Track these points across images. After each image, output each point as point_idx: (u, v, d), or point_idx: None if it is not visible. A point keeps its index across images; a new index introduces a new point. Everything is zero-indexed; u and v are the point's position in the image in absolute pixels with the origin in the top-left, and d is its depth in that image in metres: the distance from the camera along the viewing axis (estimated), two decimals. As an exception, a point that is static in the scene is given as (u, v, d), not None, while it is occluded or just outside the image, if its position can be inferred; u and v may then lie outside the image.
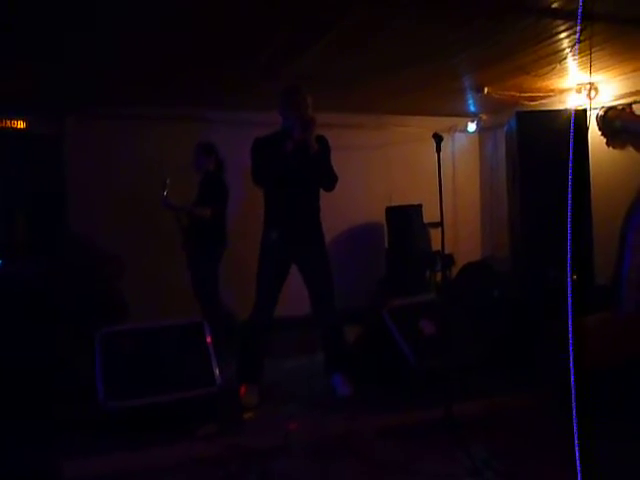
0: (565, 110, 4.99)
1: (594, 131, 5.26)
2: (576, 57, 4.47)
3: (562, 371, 2.03)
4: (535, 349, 3.67)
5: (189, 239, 4.70)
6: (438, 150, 3.22)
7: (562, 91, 5.54)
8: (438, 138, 3.19)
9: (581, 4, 1.93)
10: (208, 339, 3.30)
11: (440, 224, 4.59)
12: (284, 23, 3.63)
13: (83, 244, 5.46)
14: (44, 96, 5.11)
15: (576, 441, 1.59)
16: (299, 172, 3.52)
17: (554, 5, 3.45)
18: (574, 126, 2.05)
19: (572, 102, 5.52)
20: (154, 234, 5.32)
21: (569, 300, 1.86)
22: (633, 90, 4.98)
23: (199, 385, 3.15)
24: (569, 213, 1.87)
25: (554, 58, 4.48)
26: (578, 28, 3.64)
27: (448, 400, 2.99)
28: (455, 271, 5.97)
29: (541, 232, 4.66)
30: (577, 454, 1.59)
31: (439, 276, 6.24)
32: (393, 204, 6.34)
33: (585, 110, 4.75)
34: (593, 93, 5.31)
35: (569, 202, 1.90)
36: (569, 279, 1.94)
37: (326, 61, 4.48)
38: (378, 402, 3.56)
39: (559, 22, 3.75)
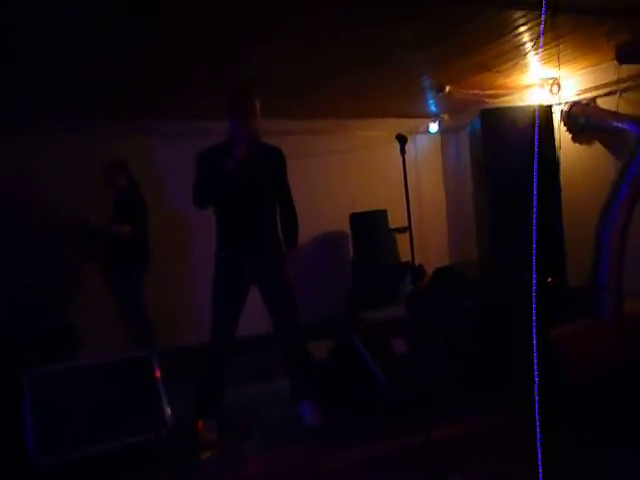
0: (530, 106, 4.81)
1: (561, 127, 5.11)
2: (540, 51, 4.30)
3: (539, 385, 1.82)
4: (511, 362, 3.44)
5: (108, 258, 4.60)
6: (402, 152, 2.99)
7: (525, 87, 5.39)
8: (402, 139, 2.95)
9: None
10: (157, 374, 2.96)
11: (407, 229, 4.39)
12: (231, 26, 3.33)
13: (20, 271, 5.02)
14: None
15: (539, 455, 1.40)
16: (246, 187, 3.22)
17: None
18: (540, 122, 1.87)
19: (535, 98, 5.37)
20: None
21: (534, 305, 1.71)
22: (596, 84, 4.83)
23: (148, 428, 2.81)
24: (534, 212, 1.74)
25: (516, 53, 4.30)
26: (542, 19, 3.45)
27: (424, 425, 2.74)
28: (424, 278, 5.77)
29: (511, 234, 4.47)
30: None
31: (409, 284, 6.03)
32: (357, 211, 6.08)
33: (550, 106, 4.60)
34: (556, 88, 5.16)
35: (534, 201, 1.79)
36: (534, 282, 1.79)
37: (278, 65, 4.21)
38: (351, 430, 3.30)
39: (519, 14, 3.56)
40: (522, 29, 3.85)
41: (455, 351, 3.55)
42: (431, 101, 5.94)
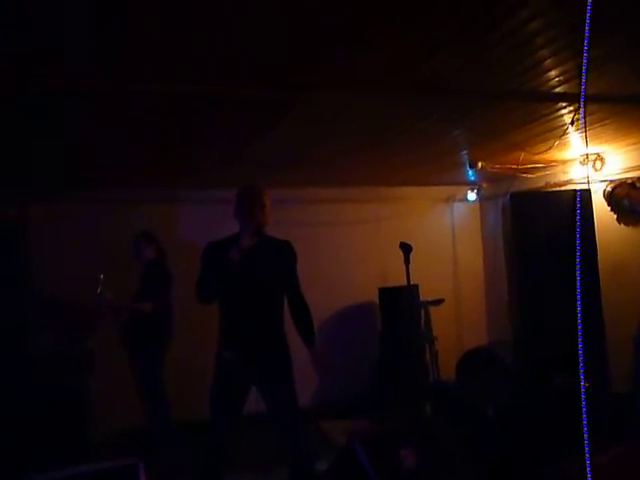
0: (565, 191, 4.51)
1: (601, 206, 4.75)
2: (580, 132, 4.03)
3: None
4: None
5: (129, 336, 4.49)
6: (406, 262, 2.74)
7: (565, 162, 5.08)
8: (406, 248, 2.72)
9: (583, 88, 1.76)
10: (143, 484, 2.78)
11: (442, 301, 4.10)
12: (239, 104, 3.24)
13: (48, 340, 5.05)
14: (4, 182, 4.79)
15: None
16: (251, 281, 3.08)
17: (556, 89, 3.02)
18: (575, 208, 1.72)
19: (576, 174, 5.05)
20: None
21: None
22: (641, 163, 4.49)
23: None
24: (579, 310, 1.52)
25: (551, 135, 4.05)
26: (581, 111, 3.24)
27: None
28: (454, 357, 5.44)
29: (544, 325, 4.14)
30: None
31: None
32: (387, 284, 5.82)
33: (589, 191, 4.28)
34: (599, 164, 4.83)
35: (578, 298, 1.54)
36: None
37: (309, 138, 4.07)
38: None
39: (551, 103, 3.34)
40: (557, 114, 3.62)
41: (472, 466, 3.22)
42: (469, 172, 5.71)
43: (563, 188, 4.86)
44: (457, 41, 2.42)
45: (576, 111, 3.37)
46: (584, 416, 1.51)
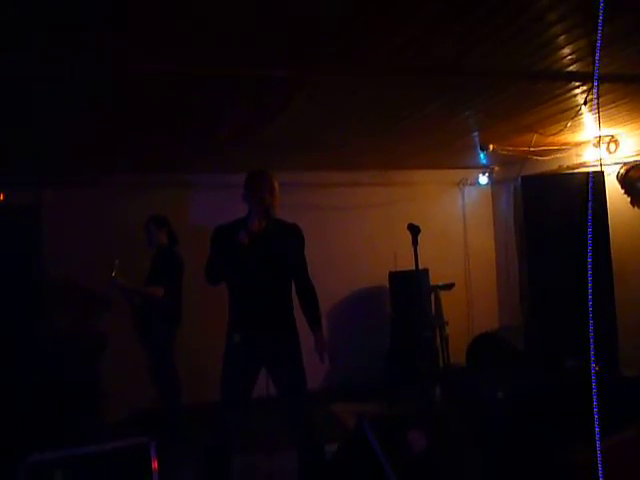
0: (577, 174, 4.44)
1: (615, 188, 4.68)
2: (594, 112, 3.96)
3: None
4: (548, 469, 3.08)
5: (141, 319, 4.53)
6: (414, 243, 2.72)
7: (578, 144, 5.01)
8: (414, 229, 2.70)
9: (597, 67, 1.58)
10: (154, 464, 2.81)
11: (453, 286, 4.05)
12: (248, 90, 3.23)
13: (60, 322, 5.11)
14: (19, 167, 4.84)
15: None
16: (260, 263, 3.07)
17: (569, 69, 2.97)
18: (588, 190, 1.71)
19: (589, 156, 4.98)
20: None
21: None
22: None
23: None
24: (589, 291, 1.49)
25: (563, 116, 3.98)
26: (595, 90, 3.19)
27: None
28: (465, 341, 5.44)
29: (554, 309, 4.12)
30: None
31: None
32: (398, 268, 5.81)
33: (602, 173, 4.22)
34: (613, 146, 4.76)
35: (589, 279, 1.55)
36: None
37: (319, 124, 4.07)
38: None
39: (563, 83, 3.28)
40: (570, 94, 3.56)
41: (481, 449, 3.23)
42: (481, 154, 5.65)
43: (576, 171, 4.78)
44: (466, 21, 2.38)
45: (589, 91, 3.31)
46: (594, 399, 1.50)
